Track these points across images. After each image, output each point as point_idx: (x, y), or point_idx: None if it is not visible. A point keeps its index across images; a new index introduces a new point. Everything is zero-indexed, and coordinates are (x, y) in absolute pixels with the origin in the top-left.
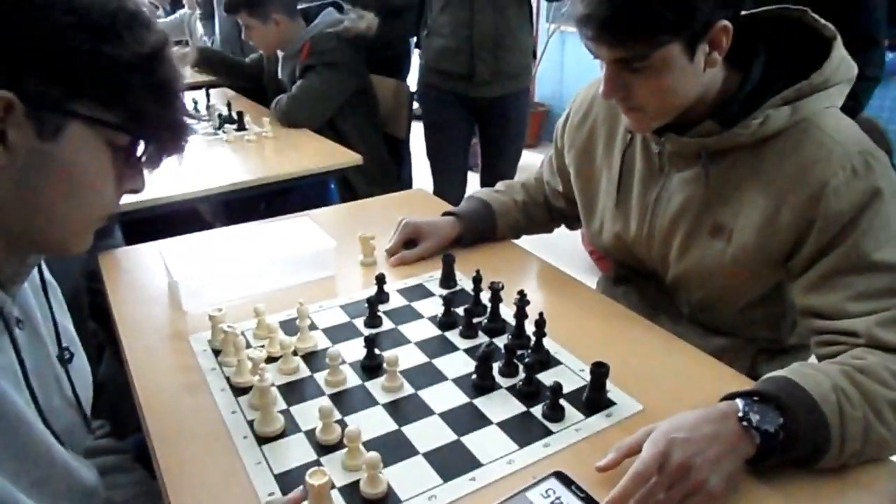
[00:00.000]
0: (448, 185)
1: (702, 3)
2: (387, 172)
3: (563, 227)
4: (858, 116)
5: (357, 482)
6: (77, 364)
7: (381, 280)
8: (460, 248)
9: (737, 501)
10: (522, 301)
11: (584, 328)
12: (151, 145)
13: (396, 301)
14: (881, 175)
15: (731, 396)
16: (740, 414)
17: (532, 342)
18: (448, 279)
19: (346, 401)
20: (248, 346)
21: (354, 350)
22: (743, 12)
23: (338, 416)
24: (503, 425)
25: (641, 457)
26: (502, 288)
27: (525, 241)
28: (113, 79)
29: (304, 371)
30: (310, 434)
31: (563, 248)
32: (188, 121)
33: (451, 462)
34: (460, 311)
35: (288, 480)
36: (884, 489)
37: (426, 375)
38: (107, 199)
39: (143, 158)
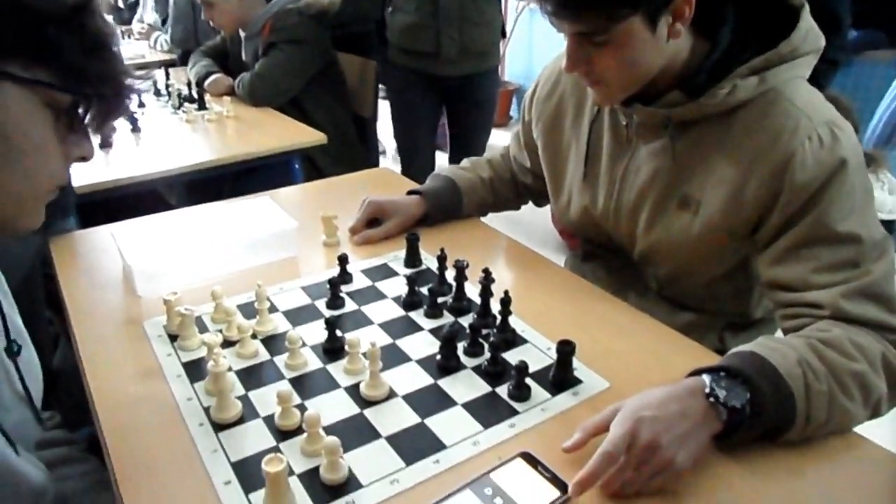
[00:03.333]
0: (416, 165)
1: None
2: (353, 153)
3: (530, 204)
4: (826, 92)
5: (317, 468)
6: (26, 356)
7: (343, 260)
8: (426, 227)
9: (702, 477)
10: (487, 279)
11: (551, 306)
12: (94, 106)
13: (360, 281)
14: (847, 146)
15: (698, 372)
16: (707, 390)
17: (498, 321)
18: (412, 258)
19: (306, 385)
20: (206, 330)
21: (316, 333)
22: None
23: (297, 400)
24: (468, 406)
25: (609, 437)
26: (467, 266)
27: (493, 221)
28: (39, 33)
29: (264, 355)
30: (268, 420)
31: (532, 227)
32: (130, 78)
33: (415, 445)
34: (425, 290)
35: (245, 468)
36: (848, 462)
37: (390, 356)
38: (53, 168)
39: (88, 121)
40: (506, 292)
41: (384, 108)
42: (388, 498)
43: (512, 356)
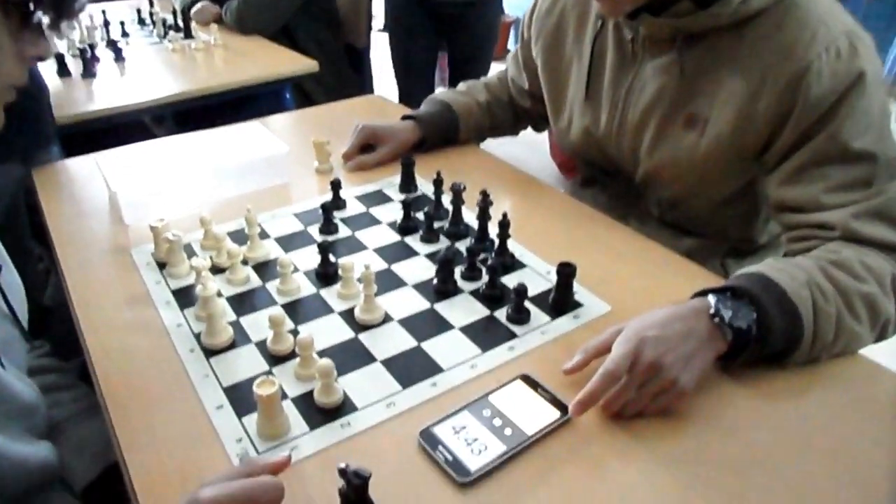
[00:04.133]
0: (414, 96)
1: None
2: (346, 83)
3: (527, 139)
4: None
5: (311, 392)
6: (7, 277)
7: (336, 185)
8: (421, 154)
9: (705, 398)
10: (485, 202)
11: (550, 230)
12: (46, 1)
13: (354, 207)
14: (866, 58)
15: (703, 293)
16: (712, 310)
17: (496, 245)
18: (408, 183)
19: (299, 310)
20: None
21: (309, 258)
22: None
23: (290, 325)
24: (466, 330)
25: (611, 356)
26: (464, 189)
27: (490, 152)
28: None
29: (255, 281)
30: (261, 345)
31: (530, 160)
32: None
33: (411, 368)
34: (420, 215)
35: (237, 393)
36: (853, 383)
37: (385, 281)
38: (8, 67)
39: (41, 17)
40: (504, 215)
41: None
42: (384, 420)
43: (510, 280)
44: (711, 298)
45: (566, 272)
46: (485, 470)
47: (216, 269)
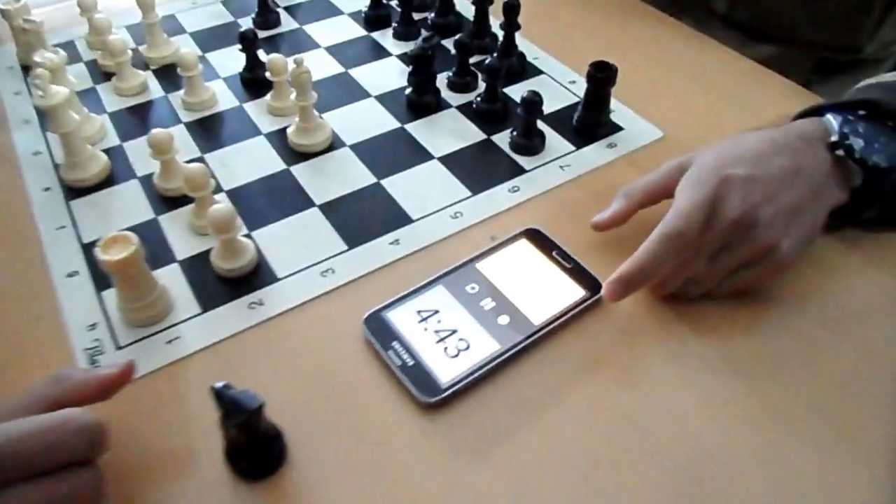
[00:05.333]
0: None
1: None
2: None
3: None
4: None
5: (208, 252)
6: None
7: None
8: None
9: (806, 275)
10: None
11: (577, 24)
12: None
13: None
14: None
15: (817, 110)
16: (834, 137)
17: (499, 41)
18: None
19: (211, 130)
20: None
21: (235, 62)
22: None
23: (193, 152)
24: (449, 161)
25: (676, 206)
26: None
27: None
28: None
29: (155, 91)
30: (147, 181)
31: None
32: None
33: (364, 218)
34: (395, 1)
35: None
36: None
37: (339, 91)
38: None
39: None
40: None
41: None
42: (315, 298)
43: (518, 92)
44: (833, 119)
45: (601, 77)
46: (464, 383)
47: (105, 75)
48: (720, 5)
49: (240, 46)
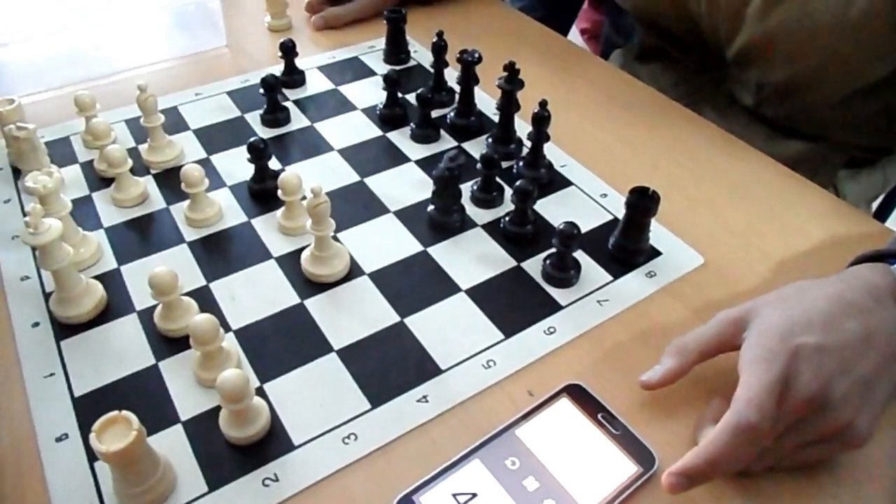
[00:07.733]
0: None
1: None
2: None
3: None
4: None
5: (216, 410)
6: None
7: (288, 50)
8: (416, 7)
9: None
10: (512, 80)
11: (600, 125)
12: None
13: (315, 83)
14: None
15: (877, 257)
16: None
17: (525, 150)
18: (396, 49)
19: (216, 253)
20: (75, 161)
21: (242, 165)
22: None
23: (199, 281)
24: (477, 294)
25: (746, 388)
26: (478, 60)
27: None
28: None
29: (157, 200)
30: (147, 316)
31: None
32: None
33: (389, 367)
34: (412, 98)
35: (96, 409)
36: None
37: (354, 206)
38: None
39: None
40: (543, 105)
41: None
42: (338, 471)
43: (548, 206)
44: None
45: (644, 205)
46: None
47: (102, 180)
48: (747, 98)
49: (248, 156)
